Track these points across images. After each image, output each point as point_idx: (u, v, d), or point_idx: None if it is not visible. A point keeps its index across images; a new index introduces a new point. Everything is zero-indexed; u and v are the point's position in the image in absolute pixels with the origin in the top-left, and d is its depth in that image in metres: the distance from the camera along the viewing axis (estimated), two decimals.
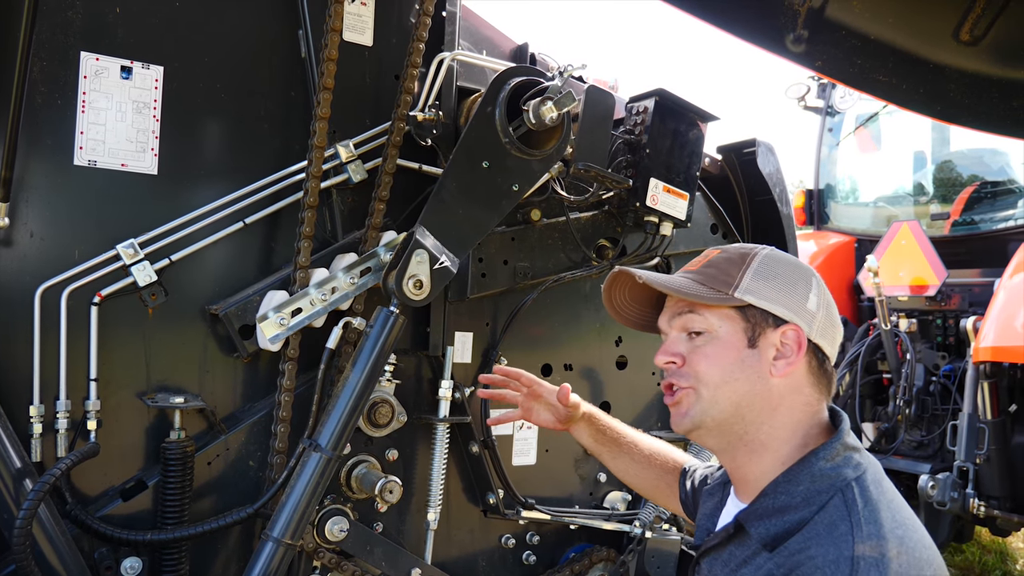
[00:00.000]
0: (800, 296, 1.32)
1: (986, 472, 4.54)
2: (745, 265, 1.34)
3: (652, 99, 2.46)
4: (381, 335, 1.97)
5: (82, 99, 1.91)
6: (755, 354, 1.30)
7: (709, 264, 1.39)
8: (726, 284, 1.33)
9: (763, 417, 1.30)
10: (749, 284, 1.31)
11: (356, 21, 2.22)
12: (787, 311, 1.31)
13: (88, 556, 1.86)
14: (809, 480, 1.23)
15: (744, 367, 1.30)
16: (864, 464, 1.25)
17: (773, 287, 1.31)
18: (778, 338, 1.30)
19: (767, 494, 1.26)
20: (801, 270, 1.36)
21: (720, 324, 1.33)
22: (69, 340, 1.87)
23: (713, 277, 1.35)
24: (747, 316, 1.32)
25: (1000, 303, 4.38)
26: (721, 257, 1.39)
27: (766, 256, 1.36)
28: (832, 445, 1.27)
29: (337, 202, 2.21)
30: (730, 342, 1.31)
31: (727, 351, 1.31)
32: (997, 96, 2.42)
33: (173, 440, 1.94)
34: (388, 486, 2.10)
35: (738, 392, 1.30)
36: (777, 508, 1.24)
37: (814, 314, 1.32)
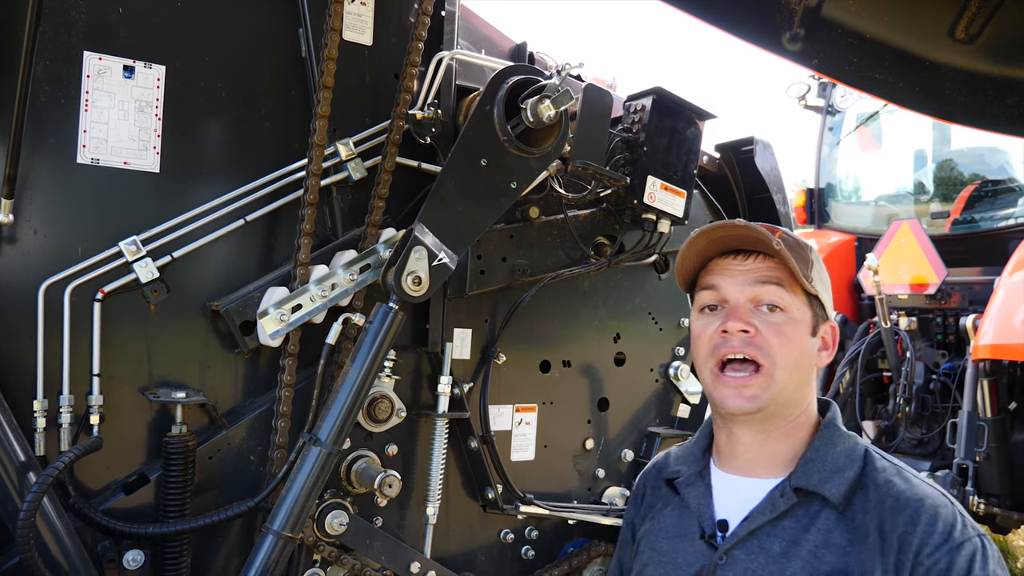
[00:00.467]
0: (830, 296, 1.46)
1: (986, 470, 4.56)
2: (811, 254, 1.42)
3: (650, 97, 2.48)
4: (380, 331, 1.99)
5: (85, 98, 1.93)
6: (815, 343, 1.40)
7: (784, 240, 1.39)
8: (806, 269, 1.38)
9: (806, 401, 1.41)
10: (817, 275, 1.40)
11: (356, 20, 2.24)
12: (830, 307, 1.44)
13: (91, 549, 1.89)
14: (842, 440, 1.36)
15: (808, 354, 1.39)
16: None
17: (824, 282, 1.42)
18: (825, 331, 1.43)
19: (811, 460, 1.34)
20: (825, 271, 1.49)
21: (799, 307, 1.38)
22: (72, 336, 1.90)
23: (798, 257, 1.38)
24: (813, 305, 1.40)
25: (999, 301, 4.40)
26: (789, 238, 1.42)
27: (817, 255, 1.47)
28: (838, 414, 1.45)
29: (337, 200, 2.23)
30: (804, 327, 1.38)
31: (802, 336, 1.37)
32: (992, 94, 2.43)
33: (175, 435, 1.97)
34: (387, 480, 2.12)
35: (801, 377, 1.38)
36: (833, 469, 1.32)
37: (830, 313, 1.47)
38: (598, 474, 2.68)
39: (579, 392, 2.65)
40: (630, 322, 2.73)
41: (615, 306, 2.69)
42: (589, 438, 2.66)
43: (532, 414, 2.54)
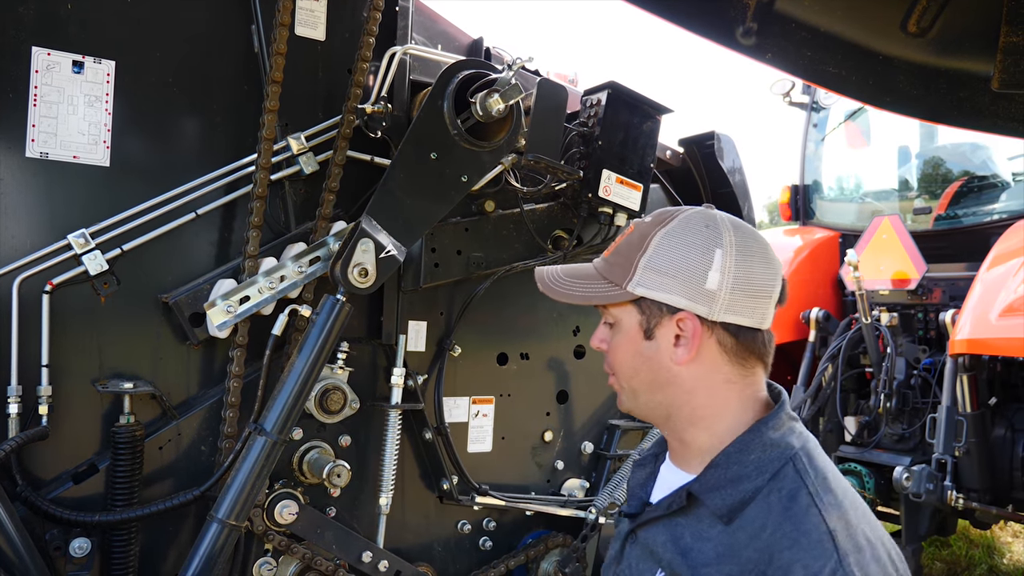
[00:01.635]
0: (697, 277, 1.25)
1: (965, 464, 4.56)
2: (642, 250, 1.29)
3: (605, 92, 2.50)
4: (327, 322, 2.01)
5: (34, 93, 1.96)
6: (653, 345, 1.28)
7: (617, 250, 1.35)
8: (624, 274, 1.30)
9: (681, 400, 1.29)
10: (642, 275, 1.28)
11: (309, 16, 2.26)
12: (680, 298, 1.25)
13: (39, 538, 1.92)
14: (760, 448, 1.23)
15: (644, 359, 1.29)
16: (805, 433, 1.27)
17: (666, 273, 1.26)
18: (675, 326, 1.27)
19: (718, 465, 1.25)
20: (702, 242, 1.26)
21: (621, 316, 1.32)
22: (20, 327, 1.93)
23: (614, 267, 1.33)
24: (642, 308, 1.29)
25: (976, 296, 4.39)
26: (628, 240, 1.34)
27: (666, 234, 1.29)
28: (778, 415, 1.27)
29: (290, 193, 2.26)
30: (629, 335, 1.30)
31: (628, 344, 1.30)
32: (945, 87, 2.44)
33: (122, 424, 2.00)
34: (336, 470, 2.14)
35: (645, 382, 1.30)
36: (731, 478, 1.22)
37: (714, 294, 1.25)
38: (557, 466, 2.70)
39: (538, 384, 2.67)
40: (590, 315, 2.74)
41: None
42: (548, 430, 2.68)
43: (489, 406, 2.56)
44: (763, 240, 1.31)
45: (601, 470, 2.75)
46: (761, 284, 1.27)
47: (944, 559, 5.78)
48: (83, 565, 1.95)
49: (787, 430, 1.26)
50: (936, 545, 5.92)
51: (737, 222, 1.30)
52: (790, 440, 1.24)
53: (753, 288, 1.26)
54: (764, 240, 1.31)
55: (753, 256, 1.27)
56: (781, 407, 1.29)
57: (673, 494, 1.29)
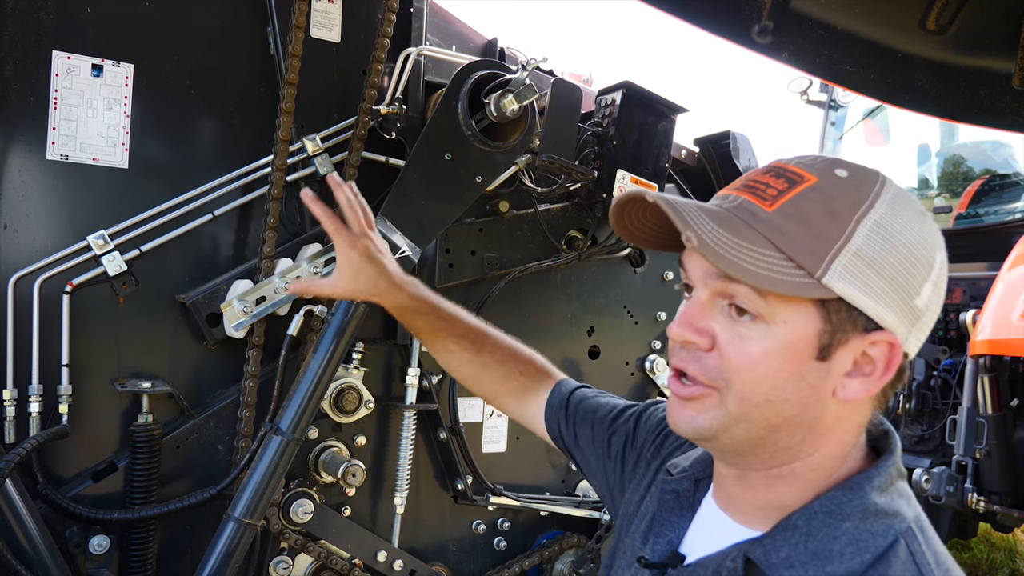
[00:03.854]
0: (914, 286, 0.87)
1: (986, 467, 4.50)
2: (853, 225, 0.86)
3: (619, 92, 2.49)
4: (342, 323, 2.01)
5: (54, 96, 1.99)
6: (823, 370, 0.88)
7: (797, 204, 0.88)
8: (815, 256, 0.85)
9: (805, 445, 0.92)
10: (849, 264, 0.85)
11: (324, 18, 2.28)
12: (889, 312, 0.87)
13: (59, 535, 1.95)
14: (860, 516, 0.88)
15: (802, 385, 0.89)
16: (913, 497, 0.93)
17: (880, 272, 0.86)
18: (861, 349, 0.88)
19: (797, 528, 0.90)
20: (926, 238, 0.88)
21: (787, 318, 0.87)
22: (42, 327, 1.95)
23: (800, 239, 0.86)
24: (830, 313, 0.87)
25: (998, 296, 4.34)
26: (819, 196, 0.88)
27: (887, 211, 0.87)
28: (886, 469, 0.91)
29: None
30: (793, 348, 0.87)
31: (786, 359, 0.88)
32: (965, 85, 2.42)
33: (140, 424, 2.02)
34: (351, 470, 2.15)
35: (782, 415, 0.90)
36: (814, 552, 0.88)
37: (922, 314, 0.89)
38: (571, 466, 2.69)
39: None
40: (605, 315, 2.74)
41: (589, 299, 2.70)
42: None
43: None
44: None
45: None
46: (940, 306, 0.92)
47: (965, 563, 5.71)
48: (102, 562, 1.98)
49: (895, 492, 0.91)
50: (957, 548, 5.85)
51: None
52: (900, 508, 0.89)
53: (938, 309, 0.92)
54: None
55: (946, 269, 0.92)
56: (890, 458, 0.93)
57: (723, 554, 0.95)
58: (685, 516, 1.08)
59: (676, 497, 1.09)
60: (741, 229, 0.88)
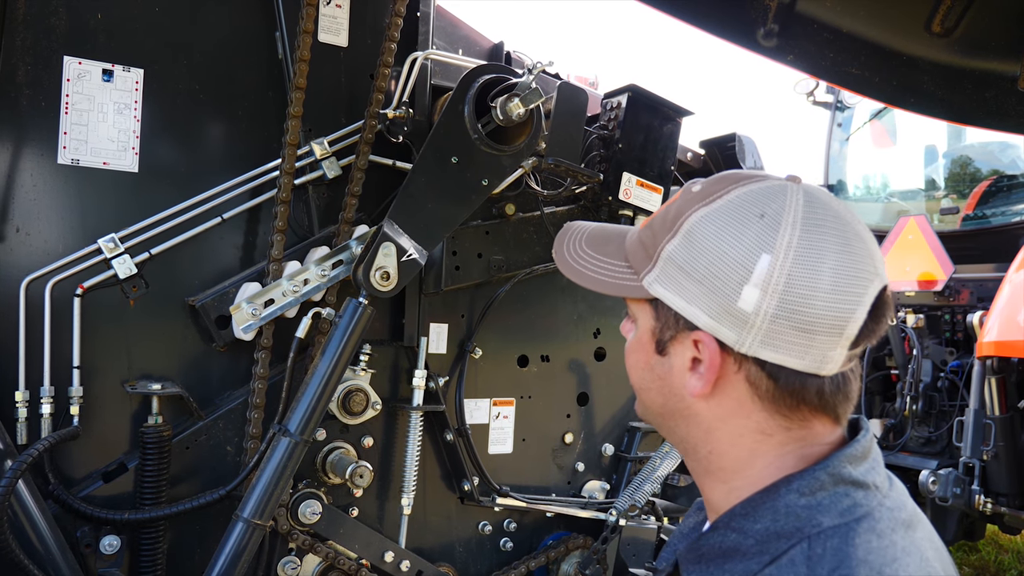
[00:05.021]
0: (728, 288, 0.88)
1: (994, 468, 4.49)
2: (671, 233, 0.94)
3: (625, 95, 2.51)
4: (349, 325, 2.04)
5: (65, 101, 2.01)
6: (665, 363, 0.97)
7: (652, 223, 1.01)
8: (644, 262, 0.97)
9: (697, 438, 0.98)
10: (662, 270, 0.94)
11: (331, 23, 2.30)
12: (700, 312, 0.91)
13: (71, 535, 1.96)
14: (771, 517, 0.88)
15: (655, 376, 0.99)
16: (866, 507, 0.87)
17: (691, 274, 0.91)
18: (691, 346, 0.94)
19: (718, 527, 0.94)
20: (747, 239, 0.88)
21: (638, 316, 1.01)
22: (53, 330, 1.97)
23: (639, 247, 1.00)
24: (657, 312, 0.97)
25: (1005, 297, 4.33)
26: (666, 211, 0.99)
27: (706, 216, 0.92)
28: (813, 474, 0.89)
29: (313, 198, 2.29)
30: (642, 341, 1.00)
31: (639, 352, 1.01)
32: (970, 88, 2.42)
33: (150, 425, 2.04)
34: (358, 471, 2.17)
35: (655, 403, 1.01)
36: (724, 550, 0.91)
37: (747, 317, 0.87)
38: (578, 468, 2.71)
39: (558, 386, 2.68)
40: (611, 317, 2.75)
41: (595, 301, 2.72)
42: (569, 432, 2.69)
43: (510, 408, 2.58)
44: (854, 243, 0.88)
45: (622, 472, 2.75)
46: (821, 315, 0.86)
47: (972, 564, 5.70)
48: (113, 562, 2.00)
49: (826, 497, 0.88)
50: (964, 550, 5.84)
51: (821, 212, 0.89)
52: (821, 513, 0.86)
53: (807, 319, 0.86)
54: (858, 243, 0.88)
55: (821, 271, 0.86)
56: (827, 463, 0.89)
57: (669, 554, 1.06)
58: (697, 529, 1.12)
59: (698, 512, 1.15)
60: (608, 246, 1.07)
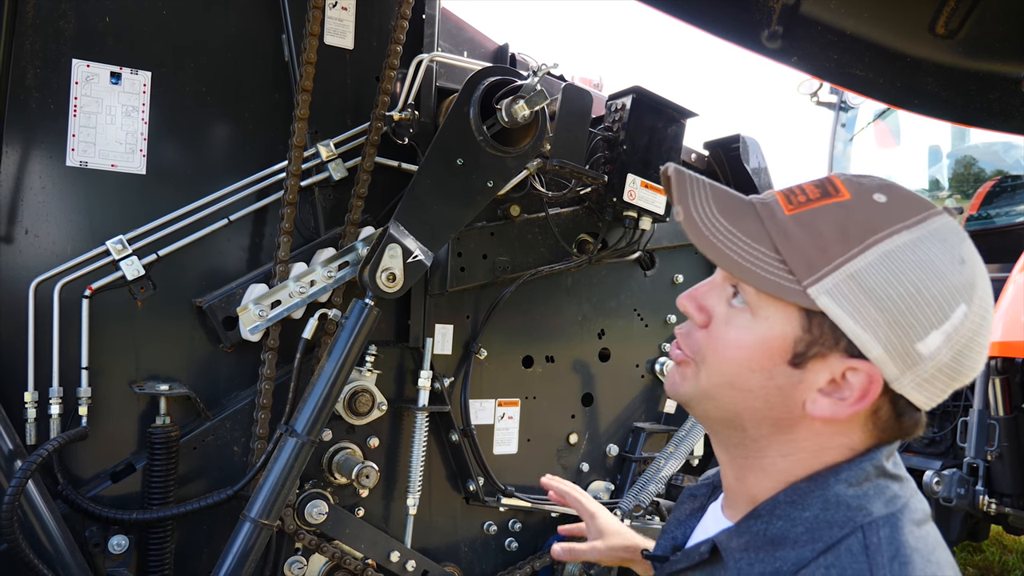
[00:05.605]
0: (915, 329, 0.85)
1: (998, 469, 4.49)
2: (857, 250, 0.86)
3: (629, 96, 2.51)
4: (355, 326, 2.05)
5: (74, 104, 2.02)
6: (795, 376, 0.90)
7: (816, 220, 0.90)
8: (808, 267, 0.87)
9: (774, 444, 0.95)
10: (840, 286, 0.86)
11: (337, 25, 2.31)
12: (877, 345, 0.86)
13: (79, 534, 1.98)
14: (820, 506, 0.89)
15: (769, 384, 0.92)
16: (903, 498, 0.90)
17: (879, 303, 0.85)
18: (841, 370, 0.88)
19: (760, 515, 0.94)
20: (949, 285, 0.85)
21: (770, 315, 0.91)
22: (62, 331, 1.99)
23: (799, 245, 0.89)
24: (811, 324, 0.89)
25: (1009, 298, 4.33)
26: (839, 215, 0.89)
27: (908, 245, 0.85)
28: (860, 465, 0.91)
29: (319, 199, 2.30)
30: (766, 344, 0.91)
31: (754, 352, 0.92)
32: (974, 89, 2.43)
33: (158, 425, 2.05)
34: (364, 471, 2.18)
35: (744, 404, 0.94)
36: (770, 538, 0.91)
37: (922, 360, 0.86)
38: (582, 468, 2.72)
39: (563, 387, 2.69)
40: (615, 318, 2.76)
41: (599, 302, 2.73)
42: (573, 432, 2.70)
43: (515, 408, 2.59)
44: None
45: (626, 473, 2.76)
46: (972, 368, 0.88)
47: (977, 565, 5.70)
48: (121, 561, 2.01)
49: (872, 488, 0.90)
50: (969, 551, 5.84)
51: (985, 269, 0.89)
52: (870, 503, 0.88)
53: (962, 370, 0.87)
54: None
55: (985, 328, 0.88)
56: (869, 456, 0.91)
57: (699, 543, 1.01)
58: (695, 517, 1.15)
59: (692, 499, 1.17)
60: (746, 221, 0.93)
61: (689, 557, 1.01)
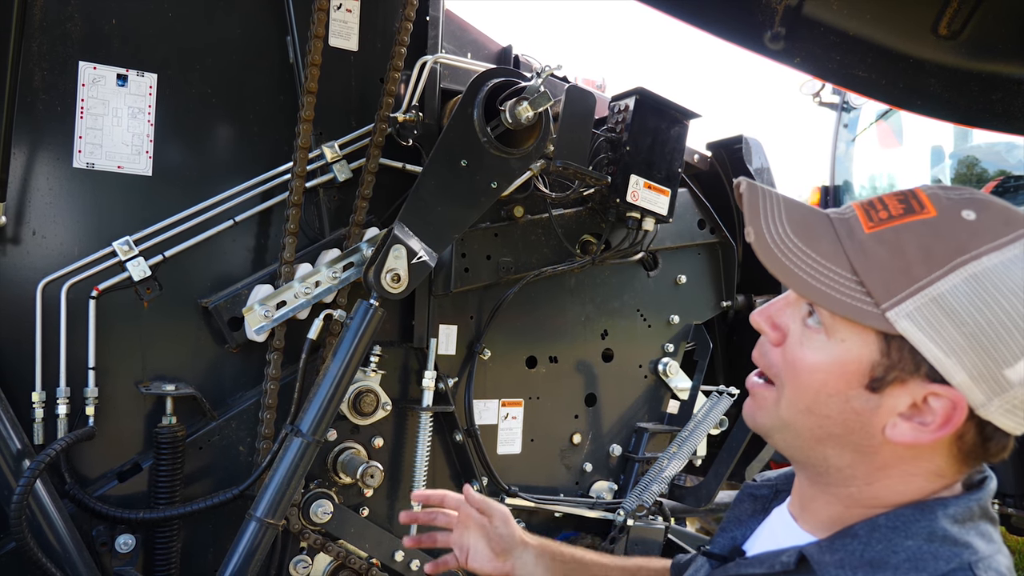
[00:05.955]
0: (1003, 355, 0.82)
1: (1001, 470, 4.49)
2: (946, 269, 0.83)
3: (632, 98, 2.52)
4: (360, 327, 2.06)
5: (80, 105, 2.04)
6: (872, 401, 0.88)
7: (898, 237, 0.87)
8: (887, 289, 0.85)
9: (858, 472, 0.93)
10: (922, 310, 0.83)
11: (342, 27, 2.32)
12: (961, 371, 0.83)
13: (86, 533, 1.99)
14: (925, 537, 0.86)
15: (846, 408, 0.90)
16: (998, 544, 0.90)
17: (964, 329, 0.82)
18: (923, 395, 0.86)
19: (858, 535, 0.91)
20: None
21: (846, 338, 0.89)
22: (69, 331, 2.00)
23: (878, 265, 0.87)
24: (890, 348, 0.86)
25: None
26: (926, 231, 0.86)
27: (996, 268, 0.82)
28: (967, 501, 0.90)
29: (324, 200, 2.31)
30: (845, 368, 0.89)
31: (831, 376, 0.90)
32: (977, 89, 2.43)
33: (164, 425, 2.07)
34: (369, 471, 2.19)
35: (824, 430, 0.92)
36: (868, 560, 0.87)
37: (1010, 387, 0.83)
38: (586, 468, 2.72)
39: (566, 387, 2.70)
40: (618, 319, 2.77)
41: (602, 303, 2.74)
42: (577, 433, 2.70)
43: (519, 409, 2.60)
44: None
45: (629, 473, 2.77)
46: None
47: None
48: (128, 560, 2.02)
49: (973, 528, 0.89)
50: None
51: None
52: (973, 541, 0.87)
53: None
54: None
55: None
56: (976, 494, 0.91)
57: (781, 551, 0.97)
58: (756, 518, 1.12)
59: (752, 500, 1.14)
60: (820, 240, 0.91)
61: (768, 564, 0.97)
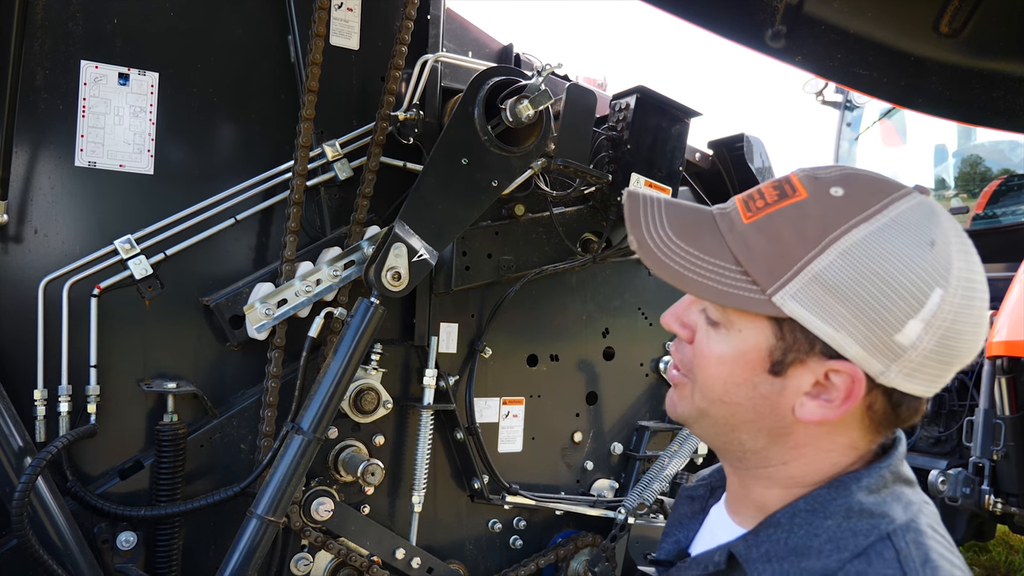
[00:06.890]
0: (889, 322, 0.82)
1: (1004, 468, 4.48)
2: (817, 250, 0.84)
3: (633, 96, 2.52)
4: (361, 325, 2.07)
5: (82, 104, 2.04)
6: (776, 385, 0.90)
7: (773, 223, 0.88)
8: (772, 274, 0.86)
9: (773, 454, 0.94)
10: (804, 290, 0.84)
11: (343, 26, 2.32)
12: (853, 343, 0.84)
13: (88, 531, 2.00)
14: (843, 514, 0.88)
15: (754, 395, 0.91)
16: (916, 503, 0.91)
17: (848, 301, 0.83)
18: (823, 372, 0.87)
19: (779, 524, 0.92)
20: (919, 271, 0.82)
21: (742, 328, 0.90)
22: (70, 329, 2.01)
23: (759, 253, 0.88)
24: (783, 332, 0.88)
25: (1015, 297, 4.32)
26: (796, 215, 0.87)
27: (871, 236, 0.83)
28: (878, 471, 0.90)
29: (325, 199, 2.32)
30: (745, 358, 0.91)
31: (735, 366, 0.91)
32: (979, 88, 2.43)
33: (166, 423, 2.07)
34: (370, 469, 2.20)
35: (737, 417, 0.94)
36: (792, 548, 0.89)
37: (903, 351, 0.83)
38: (587, 466, 2.73)
39: (567, 386, 2.70)
40: (619, 317, 2.77)
41: (604, 301, 2.74)
42: (578, 431, 2.71)
43: (520, 407, 2.60)
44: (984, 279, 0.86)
45: (630, 471, 2.77)
46: (967, 348, 0.85)
47: (983, 565, 5.68)
48: (129, 557, 2.03)
49: (889, 494, 0.90)
50: (975, 551, 5.82)
51: (964, 236, 0.86)
52: (891, 508, 0.88)
53: (954, 353, 0.85)
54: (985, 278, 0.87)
55: (972, 306, 0.83)
56: (886, 461, 0.92)
57: (714, 550, 0.98)
58: (696, 519, 1.13)
59: (690, 501, 1.15)
60: (703, 238, 0.93)
61: (702, 565, 0.98)
